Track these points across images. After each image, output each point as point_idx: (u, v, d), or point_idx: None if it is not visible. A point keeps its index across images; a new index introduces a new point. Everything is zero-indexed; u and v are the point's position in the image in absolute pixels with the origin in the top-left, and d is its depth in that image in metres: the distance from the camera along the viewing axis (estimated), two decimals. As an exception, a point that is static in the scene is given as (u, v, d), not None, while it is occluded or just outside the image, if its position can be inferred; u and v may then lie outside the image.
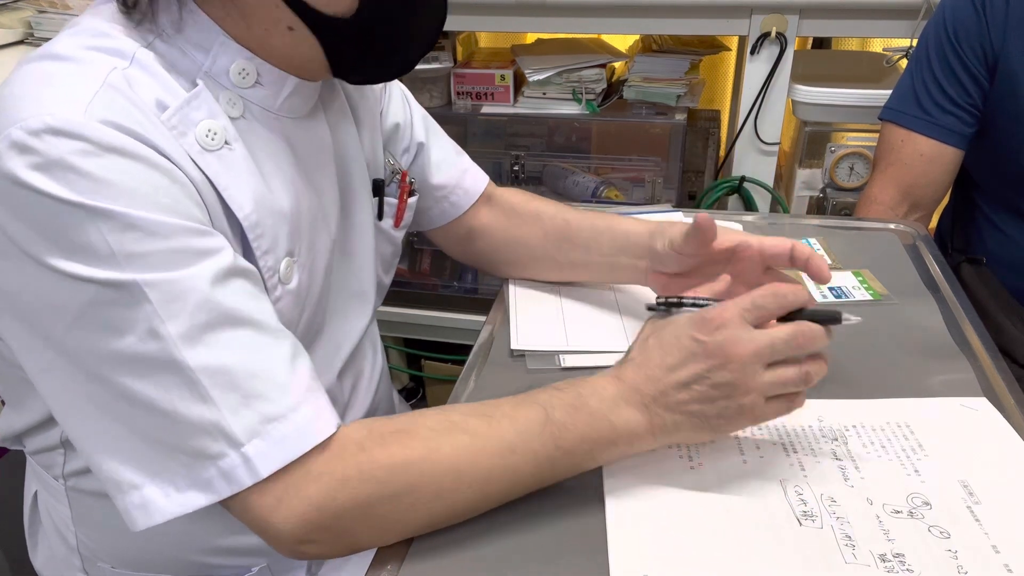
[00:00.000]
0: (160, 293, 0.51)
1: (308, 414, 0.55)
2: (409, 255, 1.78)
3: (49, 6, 1.41)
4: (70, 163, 0.50)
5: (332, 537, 0.55)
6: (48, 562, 0.81)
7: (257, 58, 0.62)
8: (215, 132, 0.58)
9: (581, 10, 1.40)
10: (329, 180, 0.72)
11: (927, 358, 0.76)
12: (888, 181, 1.14)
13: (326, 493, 0.54)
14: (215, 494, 0.53)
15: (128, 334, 0.51)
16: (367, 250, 0.79)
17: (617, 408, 0.59)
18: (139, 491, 0.54)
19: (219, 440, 0.52)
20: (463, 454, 0.56)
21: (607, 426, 0.59)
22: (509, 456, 0.57)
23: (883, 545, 0.55)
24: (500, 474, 0.57)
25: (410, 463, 0.55)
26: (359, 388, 0.82)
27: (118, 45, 0.57)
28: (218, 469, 0.53)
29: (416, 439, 0.57)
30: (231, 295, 0.55)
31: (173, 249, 0.52)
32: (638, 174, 1.61)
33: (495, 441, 0.57)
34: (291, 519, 0.54)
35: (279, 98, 0.64)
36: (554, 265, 0.88)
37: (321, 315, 0.74)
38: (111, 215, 0.50)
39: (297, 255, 0.66)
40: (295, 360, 0.57)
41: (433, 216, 0.91)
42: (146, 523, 0.54)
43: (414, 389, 1.99)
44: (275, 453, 0.53)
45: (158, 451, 0.53)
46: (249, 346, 0.55)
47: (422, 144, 0.87)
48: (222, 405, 0.52)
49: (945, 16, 1.08)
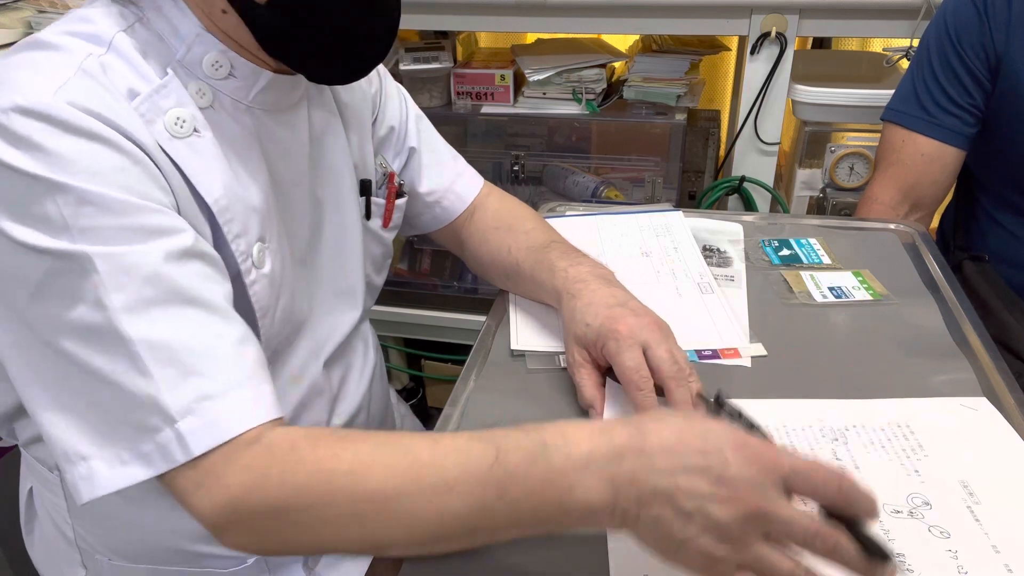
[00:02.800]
0: (108, 264, 0.53)
1: (246, 397, 0.55)
2: (409, 255, 1.78)
3: (49, 6, 1.41)
4: (35, 141, 0.52)
5: (245, 533, 0.54)
6: (46, 556, 0.82)
7: (231, 51, 0.63)
8: (184, 120, 0.60)
9: (581, 10, 1.40)
10: (298, 176, 0.73)
11: (927, 358, 0.76)
12: (889, 181, 1.14)
13: (244, 487, 0.52)
14: (153, 468, 0.53)
15: (79, 304, 0.53)
16: (354, 248, 0.81)
17: (583, 472, 0.48)
18: (87, 462, 0.54)
19: (155, 414, 0.53)
20: (394, 480, 0.51)
21: (563, 491, 0.48)
22: (444, 494, 0.50)
23: (883, 545, 0.55)
24: (428, 514, 0.51)
25: (334, 475, 0.52)
26: (348, 381, 0.83)
27: (97, 31, 0.59)
28: (155, 444, 0.53)
29: (350, 449, 0.53)
30: (184, 274, 0.55)
31: (126, 226, 0.54)
32: (638, 174, 1.61)
33: (433, 472, 0.51)
34: (207, 505, 0.53)
35: (252, 91, 0.66)
36: (518, 292, 0.88)
37: (305, 307, 0.75)
38: (68, 189, 0.53)
39: (268, 241, 0.67)
40: (243, 344, 0.57)
41: (426, 221, 0.92)
42: (90, 495, 0.54)
43: (414, 389, 1.98)
44: (207, 432, 0.53)
45: (106, 422, 0.54)
46: (195, 324, 0.55)
47: (414, 149, 0.88)
48: (159, 379, 0.53)
49: (946, 17, 1.07)
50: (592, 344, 0.70)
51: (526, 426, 0.52)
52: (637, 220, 1.03)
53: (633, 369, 0.66)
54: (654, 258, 0.94)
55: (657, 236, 0.99)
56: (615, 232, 1.00)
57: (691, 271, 0.91)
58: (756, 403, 0.70)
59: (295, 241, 0.73)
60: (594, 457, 0.48)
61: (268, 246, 0.67)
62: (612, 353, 0.68)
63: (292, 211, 0.73)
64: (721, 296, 0.86)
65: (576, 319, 0.72)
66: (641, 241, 0.98)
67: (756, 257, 0.97)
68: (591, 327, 0.70)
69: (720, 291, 0.87)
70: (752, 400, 0.71)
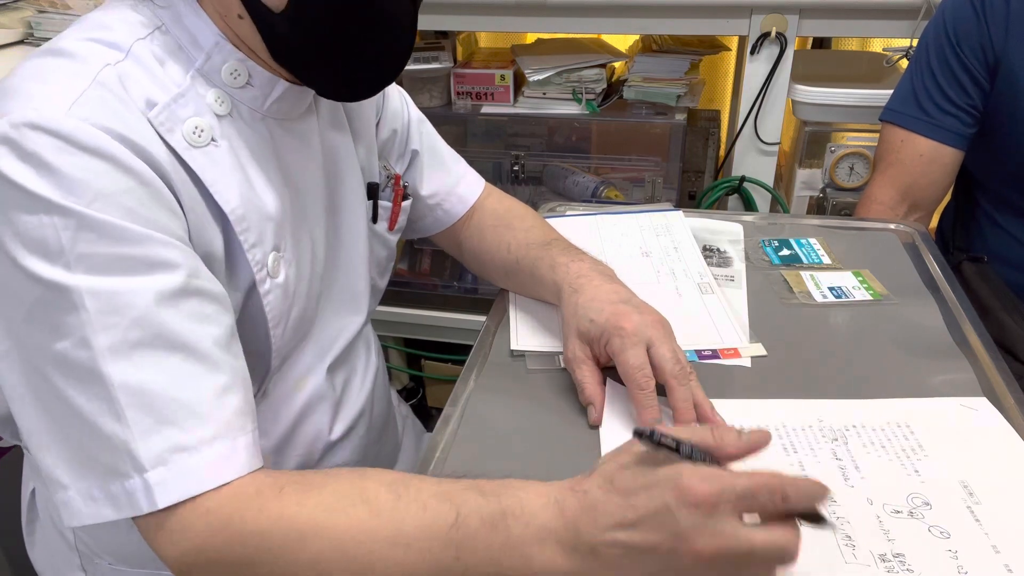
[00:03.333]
0: (98, 303, 0.52)
1: (220, 451, 0.54)
2: (409, 255, 1.78)
3: (49, 6, 1.41)
4: (43, 158, 0.52)
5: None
6: (47, 559, 0.82)
7: (249, 60, 0.63)
8: (202, 129, 0.60)
9: (581, 10, 1.40)
10: (315, 182, 0.73)
11: (927, 358, 0.76)
12: (888, 181, 1.14)
13: (209, 533, 0.53)
14: (120, 511, 0.53)
15: (65, 338, 0.52)
16: (361, 252, 0.80)
17: (541, 545, 0.50)
18: (66, 492, 0.54)
19: (126, 460, 0.52)
20: (353, 531, 0.52)
21: (522, 560, 0.50)
22: (402, 549, 0.51)
23: (883, 545, 0.55)
24: (385, 567, 0.51)
25: (295, 522, 0.52)
26: (351, 385, 0.82)
27: (116, 38, 0.59)
28: (123, 488, 0.53)
29: (313, 498, 0.53)
30: (174, 316, 0.54)
31: (123, 255, 0.53)
32: (638, 174, 1.61)
33: (392, 527, 0.52)
34: (172, 551, 0.53)
35: (268, 100, 0.65)
36: (517, 290, 0.88)
37: (312, 312, 0.75)
38: (70, 213, 0.52)
39: (283, 251, 0.67)
40: (224, 394, 0.56)
41: (428, 224, 0.92)
42: (70, 522, 0.54)
43: (414, 389, 1.99)
44: (175, 485, 0.52)
45: (82, 458, 0.54)
46: (178, 371, 0.54)
47: (416, 152, 0.88)
48: (134, 426, 0.52)
49: (944, 18, 1.08)
50: (595, 340, 0.70)
51: (485, 486, 0.53)
52: (637, 220, 1.03)
53: (636, 367, 0.66)
54: (654, 258, 0.94)
55: (657, 236, 0.99)
56: (615, 232, 1.00)
57: (691, 271, 0.91)
58: (756, 403, 0.70)
59: (313, 249, 0.73)
60: (551, 530, 0.50)
61: (283, 255, 0.67)
62: (616, 350, 0.68)
63: (309, 219, 0.72)
64: (721, 296, 0.86)
65: (579, 314, 0.72)
66: (641, 241, 0.98)
67: (756, 257, 0.97)
68: (595, 323, 0.70)
69: (720, 291, 0.87)
70: (752, 400, 0.71)
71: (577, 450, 0.66)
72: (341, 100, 0.73)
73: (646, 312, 0.71)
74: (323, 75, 0.65)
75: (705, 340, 0.79)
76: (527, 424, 0.70)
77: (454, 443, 0.68)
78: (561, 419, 0.70)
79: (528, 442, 0.68)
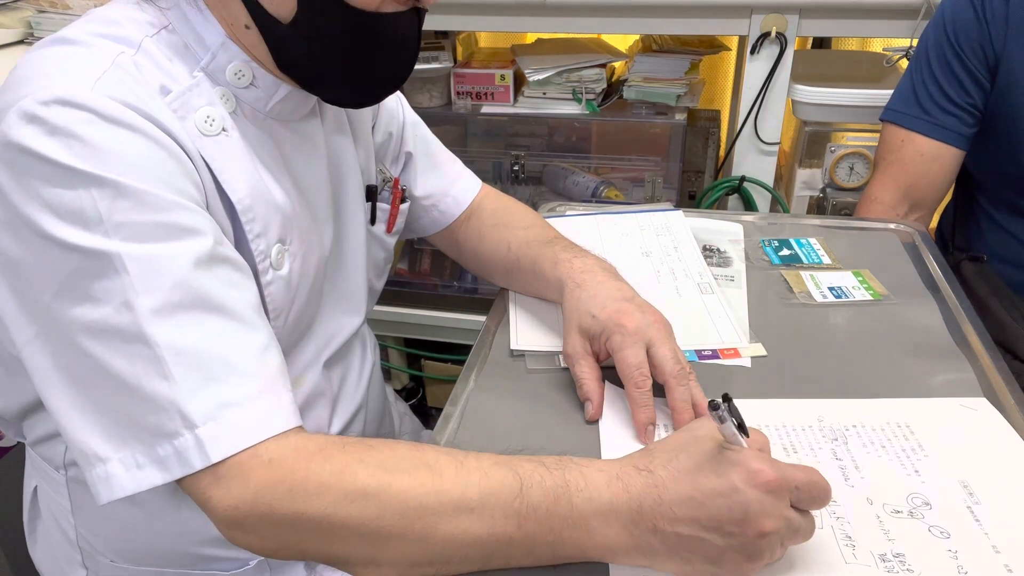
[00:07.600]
0: (139, 266, 0.53)
1: (267, 405, 0.55)
2: (409, 255, 1.78)
3: (49, 6, 1.41)
4: (74, 131, 0.52)
5: (258, 532, 0.54)
6: (48, 556, 0.82)
7: (253, 62, 0.64)
8: (213, 119, 0.61)
9: (581, 10, 1.40)
10: (321, 182, 0.74)
11: (927, 358, 0.76)
12: (888, 181, 1.14)
13: (265, 485, 0.52)
14: (169, 473, 0.53)
15: (105, 304, 0.53)
16: (359, 253, 0.81)
17: (603, 519, 0.51)
18: (104, 465, 0.54)
19: (175, 418, 0.53)
20: (417, 490, 0.52)
21: (582, 533, 0.51)
22: (466, 515, 0.51)
23: (883, 545, 0.55)
24: (447, 530, 0.51)
25: (356, 478, 0.52)
26: (347, 382, 0.83)
27: (125, 33, 0.60)
28: (173, 448, 0.53)
29: (376, 456, 0.53)
30: (210, 280, 0.55)
31: (160, 222, 0.54)
32: (638, 174, 1.61)
33: (457, 491, 0.52)
34: (225, 500, 0.53)
35: (271, 101, 0.66)
36: (516, 288, 0.88)
37: (313, 309, 0.76)
38: (106, 182, 0.53)
39: (288, 244, 0.68)
40: (265, 352, 0.57)
41: (424, 224, 0.92)
42: (108, 497, 0.54)
43: (414, 389, 1.98)
44: (227, 439, 0.53)
45: (124, 424, 0.54)
46: (219, 331, 0.55)
47: (410, 154, 0.89)
48: (182, 384, 0.53)
49: (944, 17, 1.08)
50: (596, 336, 0.70)
51: (547, 459, 0.54)
52: (637, 220, 1.03)
53: (635, 366, 0.66)
54: (654, 258, 0.94)
55: (657, 236, 0.99)
56: (615, 232, 1.00)
57: (691, 271, 0.91)
58: (756, 403, 0.70)
59: (321, 248, 0.74)
60: (614, 506, 0.51)
61: (288, 248, 0.68)
62: (616, 347, 0.68)
63: (318, 218, 0.73)
64: (721, 296, 0.86)
65: (581, 309, 0.72)
66: (641, 241, 0.98)
67: (756, 257, 0.97)
68: (597, 319, 0.70)
69: (720, 291, 0.87)
70: (752, 400, 0.71)
71: (577, 450, 0.66)
72: (345, 107, 0.74)
73: (648, 312, 0.71)
74: (328, 84, 0.66)
75: (705, 340, 0.79)
76: (527, 424, 0.70)
77: (454, 443, 0.68)
78: (561, 419, 0.70)
79: (528, 442, 0.68)
